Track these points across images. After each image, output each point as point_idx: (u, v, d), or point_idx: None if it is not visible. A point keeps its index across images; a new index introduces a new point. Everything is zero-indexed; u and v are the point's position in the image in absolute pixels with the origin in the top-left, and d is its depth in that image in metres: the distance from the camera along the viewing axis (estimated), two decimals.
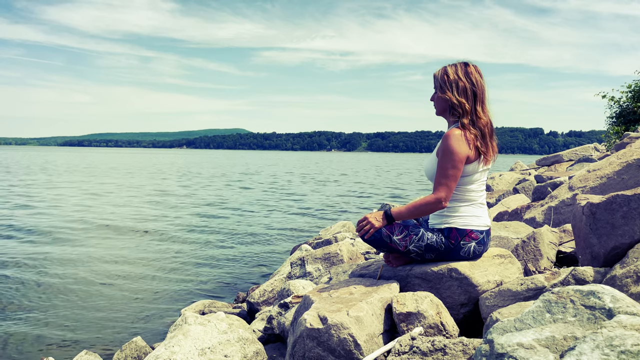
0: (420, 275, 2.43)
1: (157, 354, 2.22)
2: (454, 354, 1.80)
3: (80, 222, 11.20)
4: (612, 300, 1.39)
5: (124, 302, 5.53)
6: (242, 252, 8.31)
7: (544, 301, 1.49)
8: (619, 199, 2.23)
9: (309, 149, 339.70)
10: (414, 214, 2.40)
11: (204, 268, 7.14)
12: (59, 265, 7.12)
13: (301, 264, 4.03)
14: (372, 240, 2.42)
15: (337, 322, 2.03)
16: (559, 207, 4.10)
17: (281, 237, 9.77)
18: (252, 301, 4.26)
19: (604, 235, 2.26)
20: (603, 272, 2.14)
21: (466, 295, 2.33)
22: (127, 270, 6.92)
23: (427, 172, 2.53)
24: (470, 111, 2.39)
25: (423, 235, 2.40)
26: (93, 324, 4.86)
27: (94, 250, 8.18)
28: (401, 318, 2.15)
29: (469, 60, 2.46)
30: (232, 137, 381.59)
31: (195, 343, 2.30)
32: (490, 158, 2.44)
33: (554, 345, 1.32)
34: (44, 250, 8.14)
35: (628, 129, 12.22)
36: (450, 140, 2.33)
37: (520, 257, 2.80)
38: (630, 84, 13.04)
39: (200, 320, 2.47)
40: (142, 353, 3.36)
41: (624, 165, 3.79)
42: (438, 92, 2.48)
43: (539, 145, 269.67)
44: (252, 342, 2.50)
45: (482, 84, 2.43)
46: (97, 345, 4.35)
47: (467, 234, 2.39)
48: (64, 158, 68.99)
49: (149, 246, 8.68)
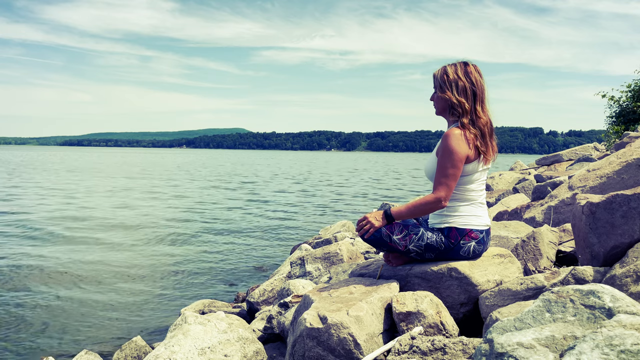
0: (420, 274, 2.43)
1: (157, 354, 2.22)
2: (453, 354, 1.80)
3: (80, 222, 11.20)
4: (612, 300, 1.39)
5: (123, 302, 5.53)
6: (242, 252, 8.31)
7: (544, 301, 1.49)
8: (619, 199, 2.24)
9: (309, 148, 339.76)
10: (413, 213, 2.40)
11: (203, 268, 7.14)
12: (58, 266, 7.11)
13: (301, 263, 4.03)
14: (372, 240, 2.42)
15: (337, 321, 2.03)
16: (558, 206, 4.10)
17: (281, 237, 9.77)
18: (252, 301, 4.26)
19: (604, 235, 2.26)
20: (603, 271, 2.14)
21: (466, 295, 2.33)
22: (126, 270, 6.92)
23: (427, 171, 2.53)
24: (470, 111, 2.39)
25: (423, 235, 2.40)
26: (93, 324, 4.86)
27: (93, 250, 8.18)
28: (401, 317, 2.15)
29: (469, 60, 2.46)
30: (232, 137, 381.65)
31: (195, 343, 2.30)
32: (490, 157, 2.44)
33: (554, 345, 1.32)
34: (43, 250, 8.14)
35: (628, 128, 12.22)
36: (450, 140, 2.33)
37: (520, 257, 2.80)
38: (630, 84, 13.05)
39: (200, 320, 2.47)
40: (142, 353, 3.36)
41: (624, 164, 3.79)
42: (438, 91, 2.48)
43: (539, 144, 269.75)
44: (252, 341, 2.50)
45: (482, 84, 2.44)
46: (97, 344, 4.35)
47: (466, 233, 2.39)
48: (64, 157, 68.97)
49: (148, 246, 8.67)
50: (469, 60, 2.46)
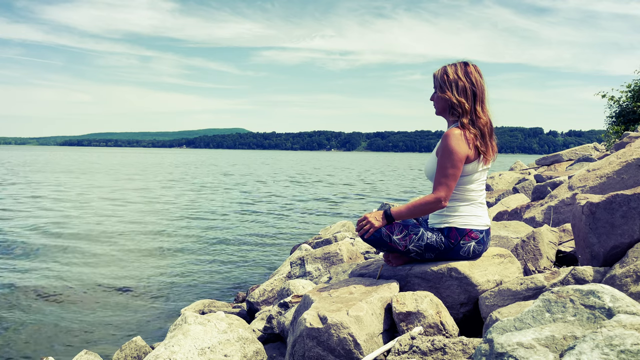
0: (420, 274, 2.43)
1: (157, 354, 2.22)
2: (453, 354, 1.80)
3: (80, 221, 11.19)
4: (612, 300, 1.39)
5: (123, 302, 5.53)
6: (242, 252, 8.31)
7: (544, 301, 1.49)
8: (619, 199, 2.24)
9: (309, 148, 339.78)
10: (413, 213, 2.40)
11: (203, 268, 7.14)
12: (58, 265, 7.11)
13: (301, 263, 4.03)
14: (371, 240, 2.42)
15: (336, 321, 2.03)
16: (558, 206, 4.10)
17: (281, 237, 9.77)
18: (252, 301, 4.26)
19: (604, 235, 2.26)
20: (603, 271, 2.14)
21: (466, 295, 2.33)
22: (126, 270, 6.92)
23: (426, 171, 2.53)
24: (469, 111, 2.39)
25: (423, 235, 2.40)
26: (93, 324, 4.86)
27: (92, 250, 8.18)
28: (401, 317, 2.15)
29: (469, 60, 2.46)
30: (232, 137, 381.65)
31: (195, 343, 2.30)
32: (490, 158, 2.44)
33: (554, 345, 1.32)
34: (42, 250, 8.14)
35: (628, 128, 12.23)
36: (450, 140, 2.33)
37: (520, 257, 2.80)
38: (629, 84, 13.05)
39: (200, 320, 2.47)
40: (142, 353, 3.36)
41: (624, 164, 3.79)
42: (438, 91, 2.48)
43: (539, 144, 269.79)
44: (252, 341, 2.50)
45: (482, 84, 2.44)
46: (96, 344, 4.35)
47: (466, 233, 2.39)
48: (65, 157, 68.96)
49: (147, 246, 8.67)
50: (469, 61, 2.46)
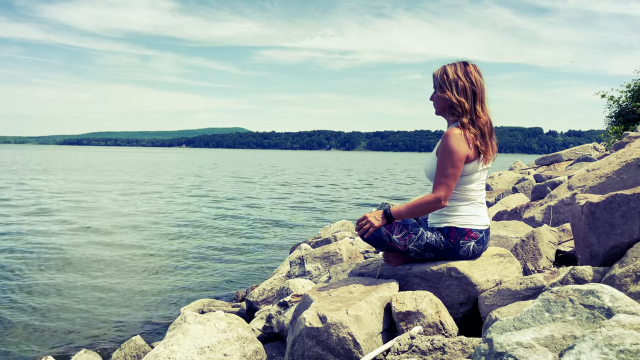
0: (420, 274, 2.43)
1: (156, 353, 2.22)
2: (453, 353, 1.80)
3: (80, 221, 11.19)
4: (611, 300, 1.40)
5: (123, 301, 5.53)
6: (242, 251, 8.30)
7: (543, 300, 1.49)
8: (618, 199, 2.24)
9: (309, 148, 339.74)
10: (413, 213, 2.40)
11: (203, 267, 7.14)
12: (57, 265, 7.11)
13: (300, 263, 4.03)
14: (371, 240, 2.42)
15: (336, 321, 2.03)
16: (558, 206, 4.10)
17: (280, 236, 9.77)
18: (252, 300, 4.26)
19: (603, 235, 2.26)
20: (602, 271, 2.14)
21: (465, 295, 2.34)
22: (125, 269, 6.92)
23: (426, 171, 2.53)
24: (469, 110, 2.39)
25: (422, 235, 2.40)
26: (92, 323, 4.86)
27: (92, 250, 8.18)
28: (400, 317, 2.15)
29: (469, 60, 2.46)
30: (232, 136, 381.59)
31: (194, 342, 2.30)
32: (490, 157, 2.44)
33: (553, 345, 1.32)
34: (42, 250, 8.13)
35: (627, 128, 12.23)
36: (450, 140, 2.33)
37: (519, 257, 2.80)
38: (629, 84, 13.05)
39: (199, 319, 2.47)
40: (141, 352, 3.36)
41: (623, 164, 3.79)
42: (437, 91, 2.48)
43: (538, 144, 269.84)
44: (252, 341, 2.50)
45: (482, 84, 2.44)
46: (96, 344, 4.35)
47: (466, 233, 2.40)
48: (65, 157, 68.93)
49: (147, 245, 8.67)
50: (468, 60, 2.46)
